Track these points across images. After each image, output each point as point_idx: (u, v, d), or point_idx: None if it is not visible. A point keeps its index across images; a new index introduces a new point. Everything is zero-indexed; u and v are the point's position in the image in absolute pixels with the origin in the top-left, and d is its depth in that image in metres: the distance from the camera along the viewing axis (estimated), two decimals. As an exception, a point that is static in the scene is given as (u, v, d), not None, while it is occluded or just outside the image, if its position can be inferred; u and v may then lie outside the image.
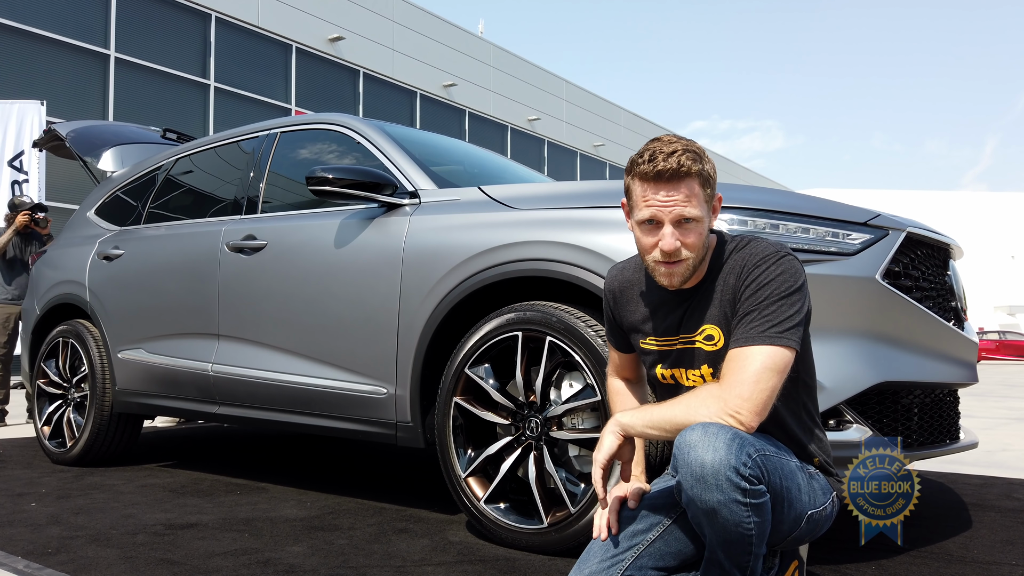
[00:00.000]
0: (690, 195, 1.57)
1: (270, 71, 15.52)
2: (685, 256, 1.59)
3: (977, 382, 2.67)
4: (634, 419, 1.59)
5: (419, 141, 3.46)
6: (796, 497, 1.55)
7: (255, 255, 3.27)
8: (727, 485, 1.40)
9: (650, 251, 1.62)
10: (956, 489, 3.47)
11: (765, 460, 1.47)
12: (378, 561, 2.26)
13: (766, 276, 1.58)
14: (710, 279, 1.67)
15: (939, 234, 2.57)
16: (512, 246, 2.49)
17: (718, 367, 1.62)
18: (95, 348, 3.98)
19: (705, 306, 1.66)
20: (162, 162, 4.24)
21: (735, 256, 1.65)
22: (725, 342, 1.62)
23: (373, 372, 2.82)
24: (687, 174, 1.56)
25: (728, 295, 1.63)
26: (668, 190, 1.57)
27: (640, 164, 1.59)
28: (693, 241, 1.59)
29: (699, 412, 1.50)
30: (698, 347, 1.67)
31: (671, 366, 1.73)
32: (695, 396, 1.55)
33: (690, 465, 1.43)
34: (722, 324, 1.63)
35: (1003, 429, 6.20)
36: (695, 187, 1.57)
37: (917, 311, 2.31)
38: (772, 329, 1.53)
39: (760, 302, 1.56)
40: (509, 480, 2.44)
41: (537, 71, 22.53)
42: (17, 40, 11.82)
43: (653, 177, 1.57)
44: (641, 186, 1.60)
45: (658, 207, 1.57)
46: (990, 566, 2.25)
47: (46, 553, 2.35)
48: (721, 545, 1.47)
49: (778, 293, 1.56)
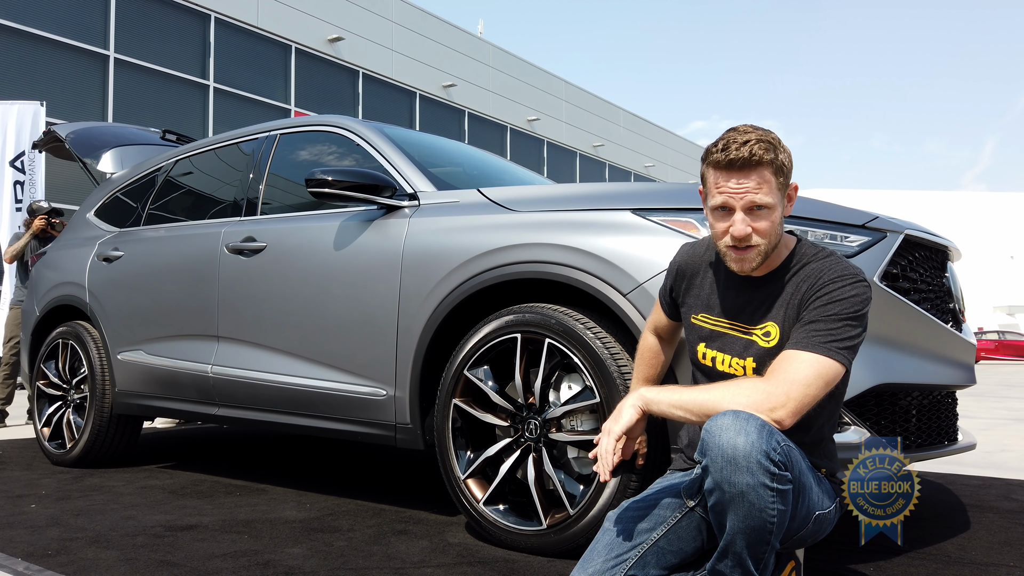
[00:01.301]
0: (761, 183, 1.61)
1: (269, 72, 15.53)
2: (756, 242, 1.64)
3: (975, 384, 2.67)
4: (660, 396, 1.60)
5: (418, 143, 3.47)
6: (808, 495, 1.57)
7: (255, 257, 3.28)
8: (757, 468, 1.42)
9: (722, 236, 1.67)
10: (954, 490, 3.47)
11: (789, 451, 1.49)
12: (377, 563, 2.26)
13: (840, 293, 1.62)
14: (780, 275, 1.71)
15: (937, 236, 2.57)
16: (511, 248, 2.50)
17: (763, 364, 1.65)
18: (95, 349, 3.98)
19: (771, 302, 1.69)
20: (162, 164, 4.24)
21: (812, 265, 1.69)
22: (779, 342, 1.65)
23: (372, 374, 2.83)
24: (759, 163, 1.60)
25: (796, 300, 1.66)
26: (740, 178, 1.61)
27: (714, 152, 1.64)
28: (764, 227, 1.63)
29: (737, 400, 1.52)
30: (753, 339, 1.70)
31: (716, 348, 1.75)
32: (737, 385, 1.58)
33: (722, 447, 1.44)
34: (783, 325, 1.67)
35: (1002, 430, 6.20)
36: (767, 175, 1.62)
37: (915, 313, 2.32)
38: (833, 343, 1.57)
39: (828, 315, 1.60)
40: (508, 482, 2.45)
41: (536, 71, 22.54)
42: (17, 41, 11.83)
43: (726, 165, 1.62)
44: (714, 174, 1.65)
45: (729, 194, 1.62)
46: (988, 567, 2.25)
47: (46, 555, 2.35)
48: (743, 532, 1.47)
49: (847, 312, 1.60)
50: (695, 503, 1.67)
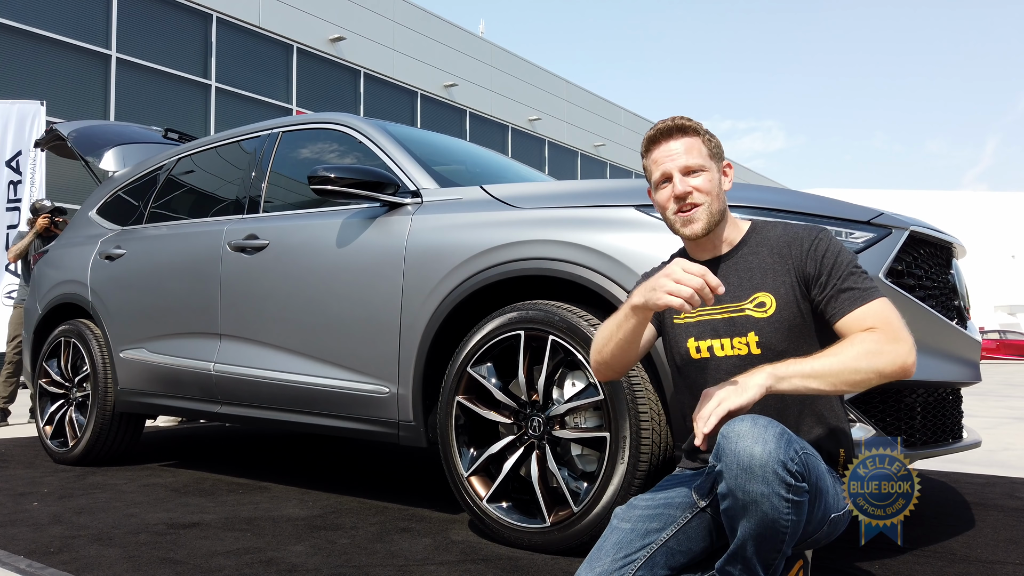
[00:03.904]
0: (692, 146, 1.73)
1: (271, 71, 15.53)
2: (699, 200, 1.71)
3: (980, 381, 2.67)
4: (790, 370, 1.51)
5: (421, 140, 3.46)
6: (824, 498, 1.56)
7: (257, 255, 3.27)
8: (773, 478, 1.40)
9: (666, 204, 1.75)
10: (958, 488, 3.46)
11: (807, 458, 1.47)
12: (380, 560, 2.26)
13: (831, 247, 1.68)
14: (748, 247, 1.75)
15: (942, 233, 2.56)
16: (514, 245, 2.49)
17: (765, 335, 1.66)
18: (97, 348, 3.98)
19: (751, 275, 1.72)
20: (164, 162, 4.24)
21: (777, 230, 1.75)
22: (777, 310, 1.67)
23: (375, 371, 2.82)
24: (683, 129, 1.74)
25: (778, 266, 1.69)
26: (669, 142, 1.74)
27: (646, 136, 1.79)
28: (701, 184, 1.71)
29: (882, 356, 1.52)
30: (747, 314, 1.69)
31: (709, 337, 1.73)
32: (865, 343, 1.54)
33: (738, 455, 1.43)
34: (777, 291, 1.68)
35: (1005, 428, 6.20)
36: (695, 141, 1.74)
37: (920, 310, 2.31)
38: (873, 288, 1.64)
39: (846, 273, 1.64)
40: (511, 479, 2.44)
41: (538, 71, 22.52)
42: (18, 40, 11.83)
43: (656, 138, 1.75)
44: (649, 154, 1.78)
45: (664, 161, 1.73)
46: (993, 565, 2.24)
47: (48, 552, 2.35)
48: (754, 539, 1.45)
49: (853, 261, 1.68)
50: (707, 503, 1.65)
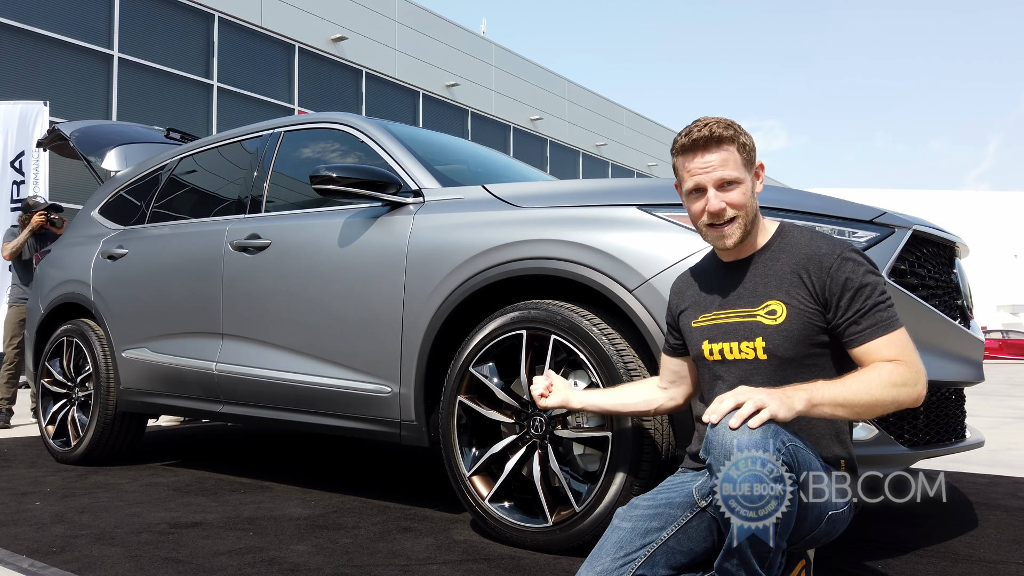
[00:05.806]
0: (727, 159, 1.69)
1: (273, 71, 15.54)
2: (732, 215, 1.70)
3: (983, 380, 2.66)
4: (824, 398, 1.52)
5: (423, 140, 3.46)
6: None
7: (259, 254, 3.27)
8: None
9: (700, 217, 1.74)
10: (961, 488, 3.46)
11: (796, 451, 1.47)
12: (382, 560, 2.26)
13: (856, 271, 1.65)
14: (770, 254, 1.74)
15: (945, 232, 2.56)
16: (516, 244, 2.49)
17: (772, 342, 1.66)
18: (99, 347, 3.98)
19: (766, 282, 1.71)
20: (166, 162, 4.24)
21: (801, 239, 1.73)
22: (787, 319, 1.66)
23: (377, 371, 2.82)
24: (720, 139, 1.69)
25: (795, 277, 1.67)
26: (704, 155, 1.70)
27: (679, 140, 1.74)
28: (736, 199, 1.69)
29: (905, 390, 1.56)
30: (758, 320, 1.69)
31: (721, 340, 1.74)
32: (892, 375, 1.56)
33: (724, 445, 1.43)
34: (789, 302, 1.67)
35: (1007, 428, 6.19)
36: (731, 151, 1.70)
37: (923, 309, 2.30)
38: (896, 319, 1.66)
39: (872, 301, 1.63)
40: (513, 479, 2.44)
41: (539, 71, 22.52)
42: (20, 41, 11.85)
43: (690, 147, 1.72)
44: (682, 159, 1.75)
45: (698, 173, 1.71)
46: (997, 565, 2.24)
47: (50, 552, 2.35)
48: (744, 531, 1.45)
49: (878, 287, 1.66)
50: (707, 503, 1.65)
